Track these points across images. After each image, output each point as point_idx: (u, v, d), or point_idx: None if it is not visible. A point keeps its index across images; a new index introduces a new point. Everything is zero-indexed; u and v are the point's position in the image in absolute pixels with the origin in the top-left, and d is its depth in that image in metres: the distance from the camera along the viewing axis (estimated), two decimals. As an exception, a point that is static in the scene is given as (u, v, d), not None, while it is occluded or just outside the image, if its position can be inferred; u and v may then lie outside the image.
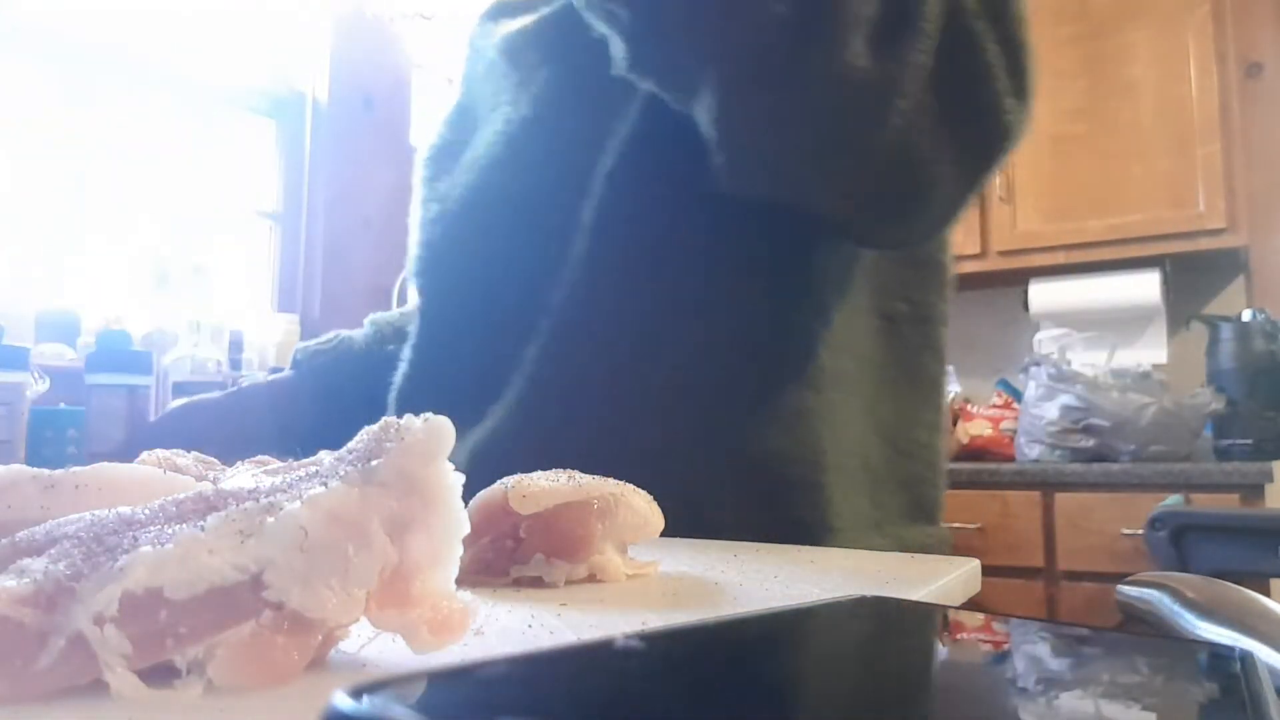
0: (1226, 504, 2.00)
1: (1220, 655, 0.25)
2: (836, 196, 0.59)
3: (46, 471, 0.34)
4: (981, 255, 2.59)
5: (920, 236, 0.65)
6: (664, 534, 0.45)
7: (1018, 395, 2.56)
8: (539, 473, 0.44)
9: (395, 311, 0.91)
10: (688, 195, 0.63)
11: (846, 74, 0.51)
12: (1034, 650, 0.27)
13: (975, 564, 0.47)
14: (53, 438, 1.20)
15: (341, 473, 0.26)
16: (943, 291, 0.73)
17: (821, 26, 0.50)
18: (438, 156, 0.78)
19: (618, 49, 0.55)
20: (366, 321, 0.89)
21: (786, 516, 0.60)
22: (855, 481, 0.65)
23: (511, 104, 0.71)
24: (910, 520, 0.70)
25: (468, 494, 0.29)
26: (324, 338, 0.87)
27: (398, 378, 0.78)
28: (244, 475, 0.33)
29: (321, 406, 0.81)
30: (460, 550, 0.27)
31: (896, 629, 0.29)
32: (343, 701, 0.16)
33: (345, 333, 0.88)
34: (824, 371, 0.63)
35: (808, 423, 0.61)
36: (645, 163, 0.64)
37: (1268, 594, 0.55)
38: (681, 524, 0.49)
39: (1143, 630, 0.58)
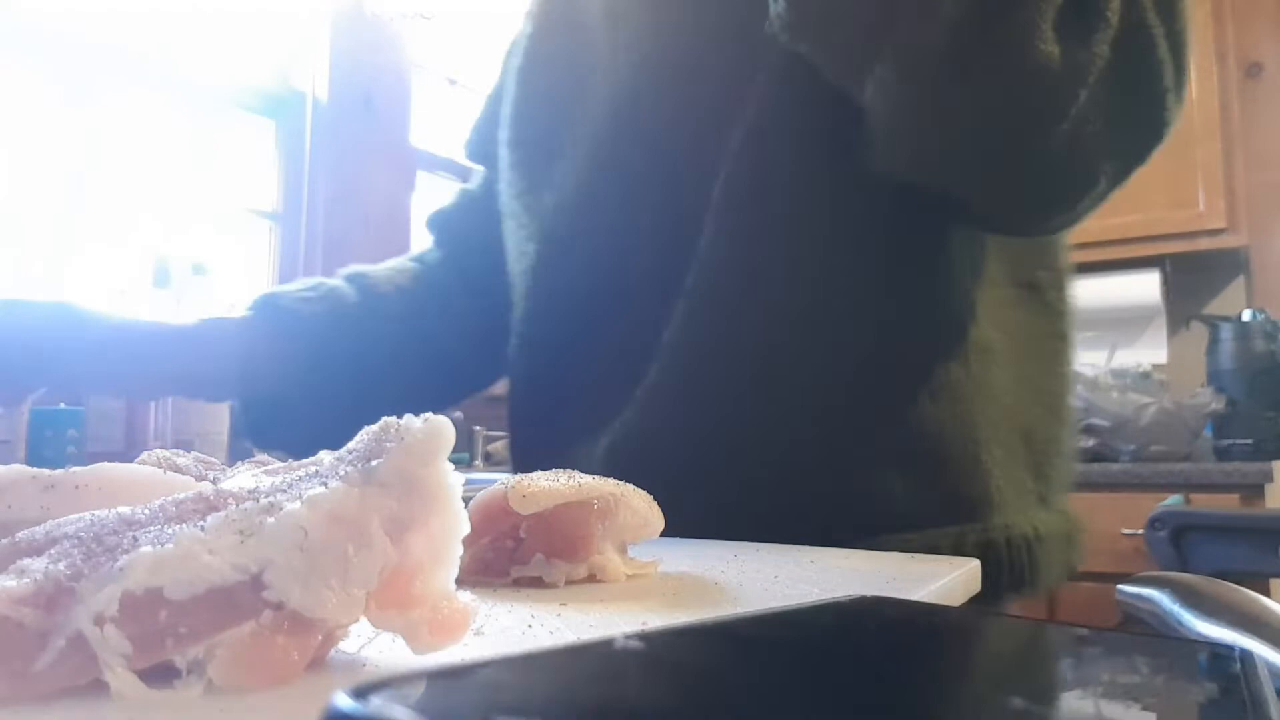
0: (1226, 504, 2.00)
1: (1220, 655, 0.25)
2: (996, 188, 0.56)
3: (46, 471, 0.34)
4: (981, 255, 2.59)
5: (1057, 229, 0.63)
6: (824, 526, 0.43)
7: (1018, 395, 2.55)
8: (539, 473, 0.44)
9: (381, 267, 0.85)
10: (819, 170, 0.59)
11: (1040, 63, 0.47)
12: (1034, 650, 0.27)
13: (975, 564, 0.47)
14: (53, 438, 1.20)
15: (341, 473, 0.26)
16: (1070, 255, 0.72)
17: (1015, 9, 0.47)
18: (526, 119, 0.73)
19: (777, 6, 0.50)
20: (343, 277, 0.82)
21: (949, 494, 0.58)
22: (1015, 455, 0.63)
23: (630, 56, 0.66)
24: (1068, 491, 0.68)
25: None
26: (305, 284, 0.80)
27: (516, 378, 0.75)
28: (244, 475, 0.33)
29: (302, 359, 0.76)
30: (460, 550, 0.27)
31: (896, 629, 0.29)
32: (343, 701, 0.16)
33: (328, 283, 0.81)
34: (972, 346, 0.61)
35: (960, 398, 0.59)
36: (778, 133, 0.60)
37: (1268, 594, 0.55)
38: (842, 513, 0.47)
39: (1143, 630, 0.58)
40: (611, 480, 0.44)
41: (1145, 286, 2.46)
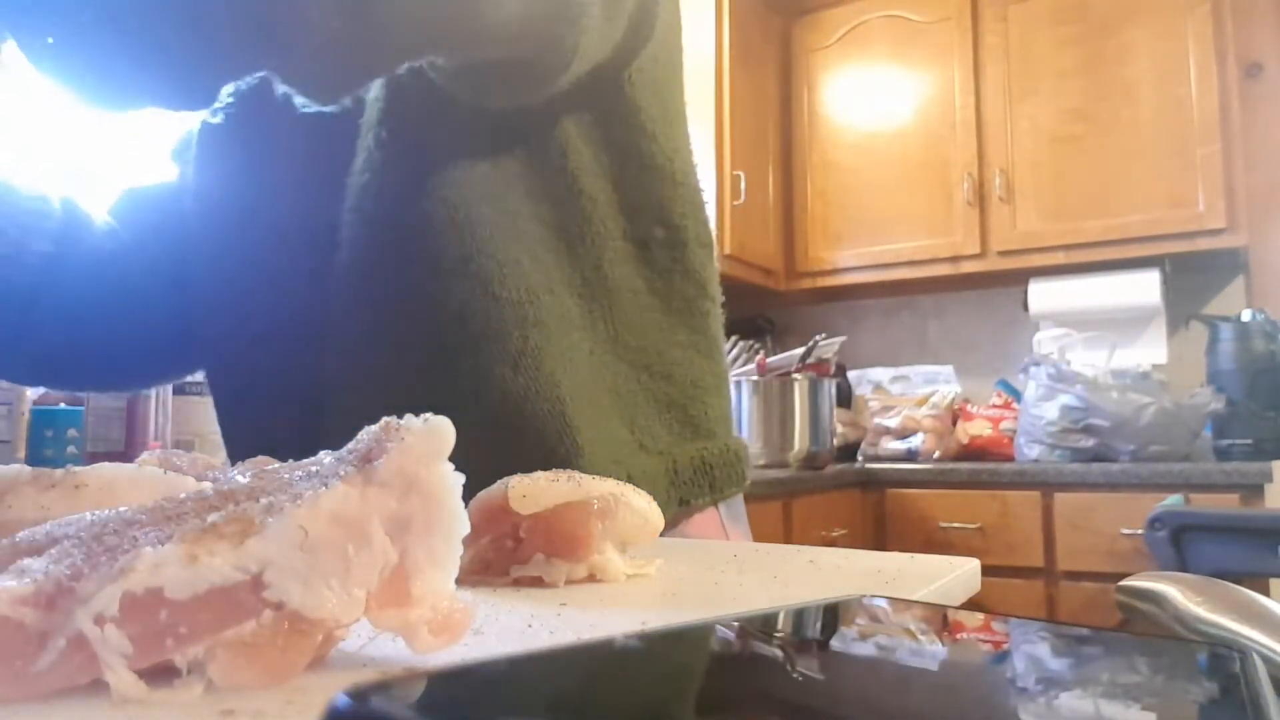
0: (1226, 504, 2.00)
1: (1220, 655, 0.25)
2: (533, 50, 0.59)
3: (46, 471, 0.34)
4: (981, 255, 2.60)
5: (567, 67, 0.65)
6: None
7: (1017, 395, 2.56)
8: (539, 473, 0.44)
9: (151, 185, 0.84)
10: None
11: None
12: (1034, 650, 0.27)
13: (975, 564, 0.47)
14: (53, 438, 1.20)
15: (341, 473, 0.26)
16: (698, 215, 0.75)
17: None
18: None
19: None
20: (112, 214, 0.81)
21: (537, 448, 0.63)
22: (603, 409, 0.67)
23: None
24: (682, 438, 0.72)
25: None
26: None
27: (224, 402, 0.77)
28: (244, 475, 0.33)
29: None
30: (460, 550, 0.27)
31: (896, 629, 0.29)
32: (343, 702, 0.16)
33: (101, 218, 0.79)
34: (549, 315, 0.65)
35: (540, 362, 0.64)
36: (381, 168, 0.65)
37: (1268, 594, 0.55)
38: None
39: (1143, 630, 0.58)
40: (611, 480, 0.44)
41: (1145, 286, 2.46)
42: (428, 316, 0.64)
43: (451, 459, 0.27)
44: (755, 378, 2.26)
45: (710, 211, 0.79)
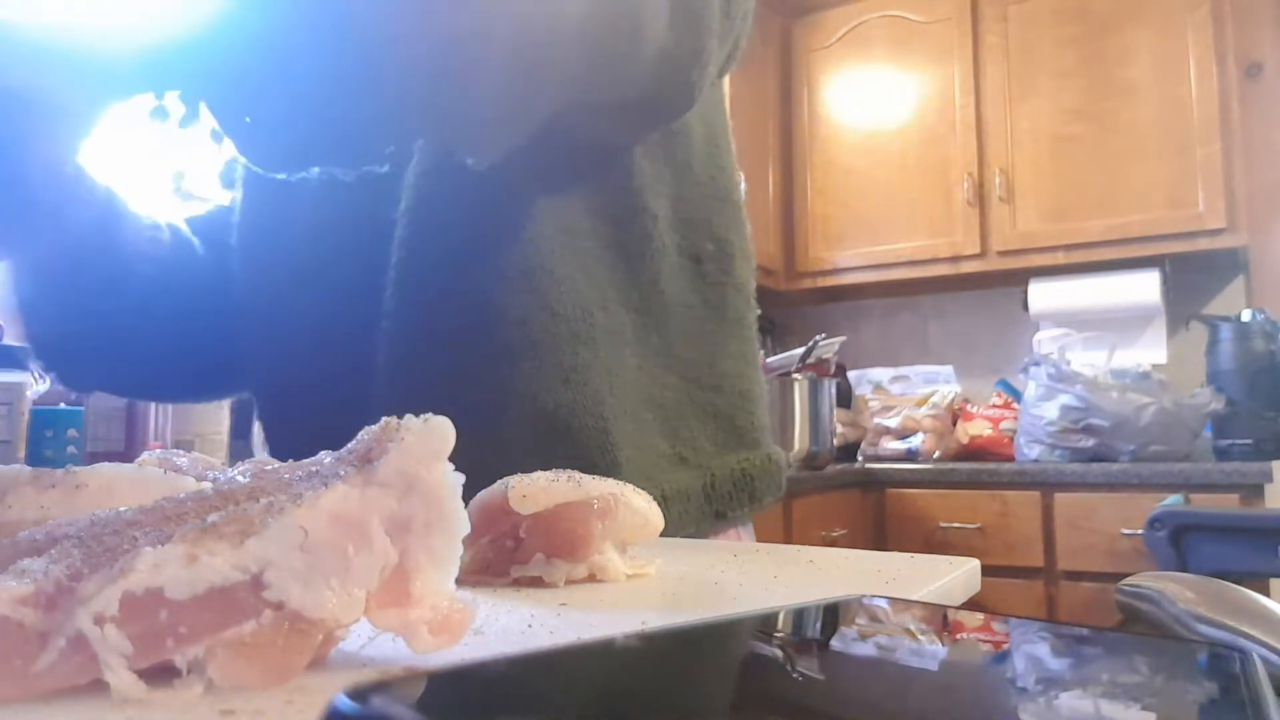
0: (1226, 504, 2.00)
1: (1220, 655, 0.25)
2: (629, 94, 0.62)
3: (46, 471, 0.34)
4: (981, 255, 2.60)
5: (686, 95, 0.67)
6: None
7: (1018, 395, 2.56)
8: (539, 473, 0.44)
9: (203, 213, 0.84)
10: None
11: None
12: (1034, 650, 0.27)
13: (975, 564, 0.47)
14: (53, 438, 1.20)
15: (341, 473, 0.26)
16: (742, 229, 0.78)
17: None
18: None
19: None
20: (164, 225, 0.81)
21: (577, 460, 0.63)
22: (644, 424, 0.69)
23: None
24: (723, 449, 0.73)
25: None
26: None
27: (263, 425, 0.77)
28: (244, 475, 0.33)
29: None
30: (460, 550, 0.27)
31: (896, 629, 0.29)
32: (343, 702, 0.16)
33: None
34: (600, 330, 0.67)
35: (588, 378, 0.65)
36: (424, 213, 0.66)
37: (1268, 594, 0.55)
38: (490, 475, 0.51)
39: (1143, 630, 0.58)
40: (611, 480, 0.44)
41: (1145, 286, 2.46)
42: (488, 322, 0.65)
43: (491, 463, 0.27)
44: (755, 378, 2.25)
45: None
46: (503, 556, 0.42)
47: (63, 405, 1.25)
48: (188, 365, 0.80)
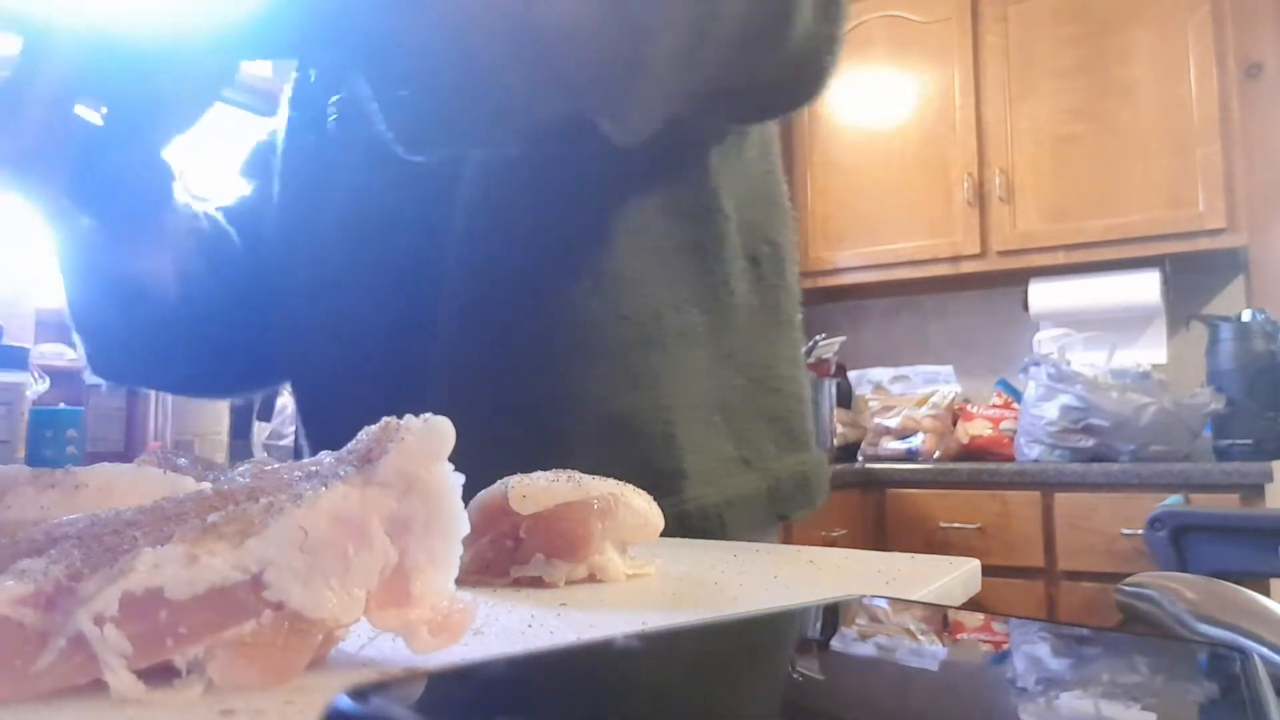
0: (1226, 504, 2.00)
1: (1220, 655, 0.25)
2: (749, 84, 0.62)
3: (46, 471, 0.34)
4: (981, 255, 2.60)
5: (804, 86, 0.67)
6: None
7: (1018, 395, 2.56)
8: (539, 473, 0.44)
9: (235, 202, 0.82)
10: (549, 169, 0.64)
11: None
12: (1034, 650, 0.27)
13: (975, 564, 0.47)
14: (53, 438, 1.20)
15: (341, 473, 0.26)
16: (790, 234, 0.78)
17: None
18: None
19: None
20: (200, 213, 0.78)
21: (643, 467, 0.63)
22: (711, 427, 0.68)
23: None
24: (783, 451, 0.74)
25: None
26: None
27: (296, 407, 0.76)
28: (244, 475, 0.33)
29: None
30: (460, 550, 0.27)
31: (896, 629, 0.29)
32: (343, 702, 0.16)
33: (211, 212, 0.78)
34: (670, 333, 0.66)
35: (657, 381, 0.65)
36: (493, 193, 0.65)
37: (1268, 594, 0.55)
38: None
39: (1143, 630, 0.58)
40: (611, 480, 0.44)
41: (1145, 286, 2.46)
42: (558, 323, 0.65)
43: (552, 463, 0.26)
44: (755, 378, 2.26)
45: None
46: (503, 556, 0.42)
47: (62, 405, 1.25)
48: (230, 361, 0.79)
